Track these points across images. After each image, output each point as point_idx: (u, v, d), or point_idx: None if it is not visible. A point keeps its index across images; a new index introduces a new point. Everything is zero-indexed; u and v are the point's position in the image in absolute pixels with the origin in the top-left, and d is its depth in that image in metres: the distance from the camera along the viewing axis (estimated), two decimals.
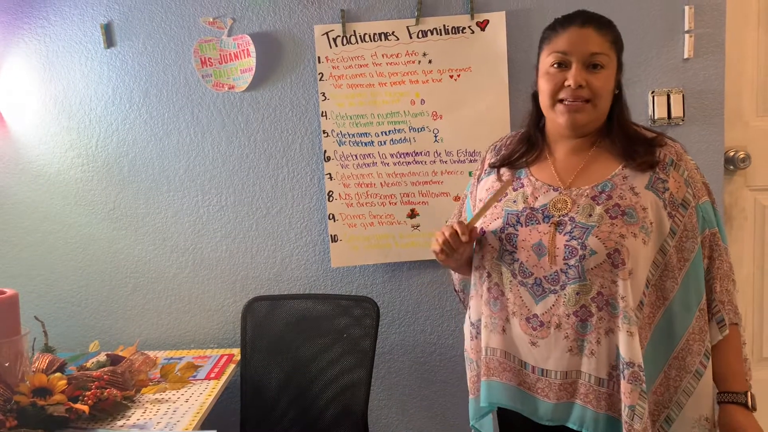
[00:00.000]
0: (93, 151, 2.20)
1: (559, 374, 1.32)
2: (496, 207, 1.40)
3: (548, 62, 1.35)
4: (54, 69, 2.17)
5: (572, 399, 1.32)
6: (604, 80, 1.32)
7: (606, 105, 1.36)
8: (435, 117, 2.11)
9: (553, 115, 1.37)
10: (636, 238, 1.26)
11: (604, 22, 1.36)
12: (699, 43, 2.08)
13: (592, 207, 1.29)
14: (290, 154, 2.17)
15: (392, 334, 2.24)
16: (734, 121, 2.20)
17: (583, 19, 1.34)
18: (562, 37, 1.34)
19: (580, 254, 1.26)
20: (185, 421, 1.62)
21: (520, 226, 1.35)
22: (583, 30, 1.32)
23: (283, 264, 2.22)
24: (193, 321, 2.26)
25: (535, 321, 1.33)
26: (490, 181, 1.48)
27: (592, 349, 1.28)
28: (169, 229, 2.22)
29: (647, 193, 1.30)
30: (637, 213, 1.28)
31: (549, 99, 1.35)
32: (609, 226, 1.26)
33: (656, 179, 1.31)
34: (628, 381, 1.24)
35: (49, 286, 2.26)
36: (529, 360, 1.36)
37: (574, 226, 1.29)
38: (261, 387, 2.06)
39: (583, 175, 1.36)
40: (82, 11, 2.14)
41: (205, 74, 2.13)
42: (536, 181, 1.39)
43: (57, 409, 1.53)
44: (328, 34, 2.10)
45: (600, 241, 1.25)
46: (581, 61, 1.31)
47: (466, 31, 2.08)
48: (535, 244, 1.32)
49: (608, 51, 1.32)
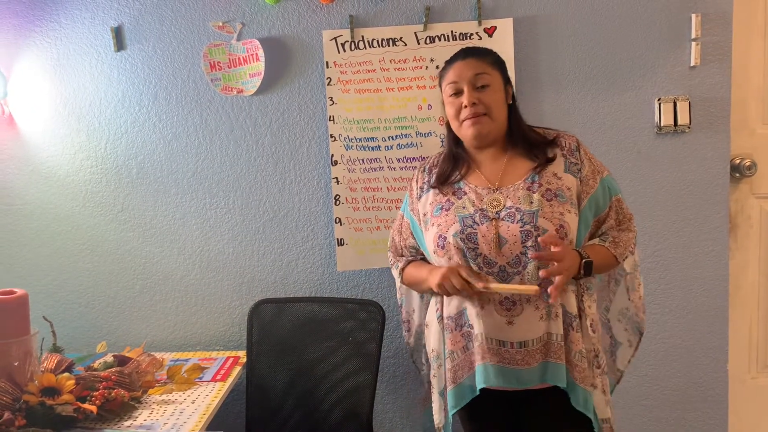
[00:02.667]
0: (102, 153, 2.22)
1: (536, 341, 1.51)
2: (447, 215, 1.59)
3: (447, 92, 1.62)
4: (64, 72, 2.19)
5: (546, 359, 1.52)
6: (493, 93, 1.58)
7: (501, 114, 1.60)
8: (442, 122, 2.12)
9: (462, 133, 1.62)
10: (570, 213, 1.53)
11: (482, 50, 1.65)
12: (705, 51, 2.09)
13: (530, 195, 1.53)
14: (297, 158, 2.19)
15: (397, 338, 2.25)
16: (740, 129, 2.21)
17: (465, 53, 1.63)
18: (451, 70, 1.62)
19: (535, 235, 1.48)
20: (192, 422, 1.63)
21: (477, 225, 1.54)
22: (465, 61, 1.61)
23: (289, 267, 2.23)
24: (199, 323, 2.27)
25: (508, 302, 1.52)
26: (431, 196, 1.67)
27: (556, 312, 1.51)
28: (177, 231, 2.24)
29: (566, 176, 1.57)
30: (564, 193, 1.54)
31: (456, 121, 1.62)
32: (549, 207, 1.51)
33: (570, 163, 1.58)
34: (576, 330, 1.51)
35: (58, 286, 2.27)
36: (509, 338, 1.52)
37: (521, 214, 1.51)
38: (266, 389, 2.07)
39: (507, 176, 1.60)
40: (93, 14, 2.16)
41: (214, 78, 2.14)
42: (476, 187, 1.61)
43: (65, 408, 1.54)
44: (337, 39, 2.11)
45: (547, 221, 1.50)
46: (470, 84, 1.58)
47: (474, 37, 2.10)
48: (494, 236, 1.51)
49: (489, 70, 1.59)
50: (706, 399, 2.24)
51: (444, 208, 1.61)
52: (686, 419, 2.27)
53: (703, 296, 2.20)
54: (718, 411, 2.25)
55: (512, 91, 1.65)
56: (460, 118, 1.60)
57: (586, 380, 1.52)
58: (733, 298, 2.25)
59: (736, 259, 2.26)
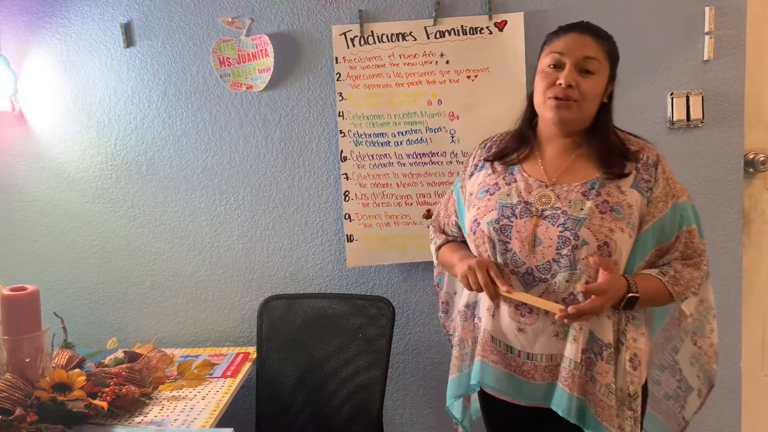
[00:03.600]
0: (112, 150, 2.22)
1: (545, 357, 1.41)
2: (490, 200, 1.47)
3: (545, 62, 1.45)
4: (74, 68, 2.19)
5: (555, 380, 1.41)
6: (594, 85, 1.41)
7: (591, 109, 1.44)
8: (452, 117, 2.11)
9: (543, 111, 1.45)
10: (623, 232, 1.36)
11: (603, 33, 1.45)
12: (719, 45, 2.06)
13: (583, 202, 1.38)
14: (307, 154, 2.18)
15: (407, 334, 2.24)
16: (754, 123, 2.18)
17: (584, 27, 1.44)
18: (561, 40, 1.44)
19: (572, 244, 1.35)
20: (202, 418, 1.63)
21: (515, 218, 1.42)
22: (581, 36, 1.42)
23: (298, 263, 2.23)
24: (209, 319, 2.27)
25: (524, 308, 1.41)
26: (482, 175, 1.55)
27: (575, 335, 1.37)
28: (187, 228, 2.24)
29: (632, 192, 1.40)
30: (624, 210, 1.37)
31: (541, 95, 1.44)
32: (599, 219, 1.35)
33: (640, 179, 1.41)
34: (606, 361, 1.36)
35: (68, 282, 2.28)
36: (516, 345, 1.43)
37: (566, 218, 1.37)
38: (276, 385, 2.07)
39: (568, 173, 1.45)
40: (102, 11, 2.16)
41: (224, 74, 2.14)
42: (528, 177, 1.47)
43: (76, 404, 1.55)
44: (346, 34, 2.10)
45: (591, 233, 1.34)
46: (574, 64, 1.40)
47: (484, 31, 2.08)
48: (529, 235, 1.39)
49: (602, 58, 1.42)
50: (719, 396, 2.21)
51: (489, 191, 1.49)
52: (699, 416, 2.22)
53: (716, 293, 2.13)
54: (732, 408, 2.23)
55: (612, 89, 1.48)
56: (548, 93, 1.41)
57: (611, 420, 1.36)
58: (746, 295, 2.22)
59: (749, 256, 2.24)
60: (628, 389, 1.39)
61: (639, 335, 1.42)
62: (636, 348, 1.41)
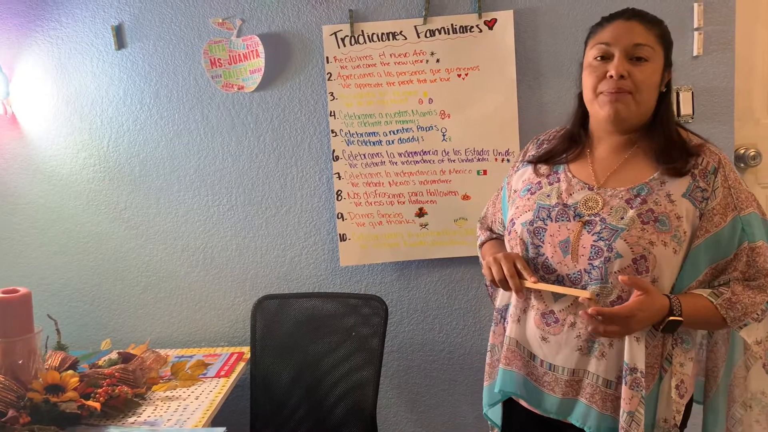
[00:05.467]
0: (105, 152, 2.23)
1: (567, 371, 1.31)
2: (529, 199, 1.38)
3: (591, 55, 1.33)
4: (66, 71, 2.20)
5: (577, 396, 1.32)
6: (648, 73, 1.28)
7: (649, 100, 1.31)
8: (443, 116, 2.12)
9: (595, 108, 1.33)
10: (666, 246, 1.22)
11: (652, 18, 1.32)
12: (708, 41, 2.07)
13: (625, 210, 1.25)
14: (299, 154, 2.19)
15: (401, 332, 2.25)
16: (745, 119, 2.19)
17: (630, 14, 1.32)
18: (606, 29, 1.32)
19: (605, 256, 1.23)
20: (195, 418, 1.63)
21: (550, 221, 1.32)
22: (628, 22, 1.30)
23: (292, 263, 2.24)
24: (203, 319, 2.28)
25: (551, 317, 1.32)
26: (528, 173, 1.46)
27: (603, 351, 1.27)
28: (180, 229, 2.25)
29: (684, 201, 1.24)
30: (671, 221, 1.23)
31: (591, 92, 1.33)
32: (639, 231, 1.22)
33: (695, 187, 1.25)
34: (630, 387, 1.23)
35: (62, 285, 2.29)
36: (539, 353, 1.35)
37: (603, 226, 1.25)
38: (270, 385, 2.08)
39: (618, 175, 1.32)
40: (93, 13, 2.17)
41: (215, 75, 2.14)
42: (572, 178, 1.36)
43: (69, 406, 1.55)
44: (337, 34, 2.11)
45: (628, 246, 1.22)
46: (624, 52, 1.28)
47: (474, 30, 2.09)
48: (563, 241, 1.29)
49: (653, 44, 1.28)
50: None
51: (531, 190, 1.40)
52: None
53: None
54: None
55: (670, 77, 1.34)
56: (599, 89, 1.30)
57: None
58: None
59: None
60: (674, 419, 1.27)
61: (687, 360, 1.29)
62: (683, 374, 1.28)
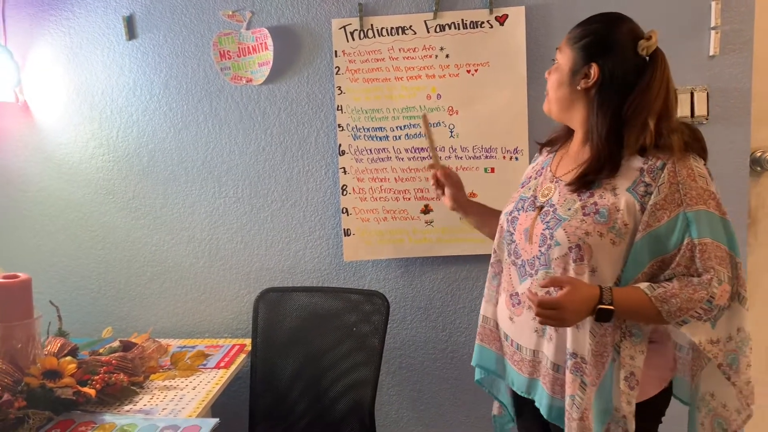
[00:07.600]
0: (114, 142, 2.24)
1: (528, 351, 1.41)
2: (518, 192, 1.52)
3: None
4: (77, 60, 2.21)
5: (538, 377, 1.41)
6: (553, 73, 1.43)
7: (560, 98, 1.41)
8: (451, 112, 2.09)
9: None
10: (602, 237, 1.28)
11: (578, 24, 1.41)
12: (725, 40, 2.02)
13: (574, 201, 1.34)
14: (305, 148, 2.18)
15: (404, 329, 2.23)
16: (762, 121, 2.13)
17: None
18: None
19: (547, 243, 1.34)
20: (190, 407, 1.64)
21: (523, 212, 1.45)
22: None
23: (296, 257, 2.23)
24: (207, 310, 2.28)
25: (515, 299, 1.44)
26: (530, 166, 1.60)
27: (550, 335, 1.35)
28: (186, 220, 2.25)
29: (625, 194, 1.29)
30: (610, 213, 1.28)
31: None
32: (579, 221, 1.30)
33: (640, 182, 1.28)
34: (571, 371, 1.30)
35: (70, 272, 2.31)
36: (510, 333, 1.47)
37: (552, 216, 1.36)
38: (271, 378, 2.07)
39: (578, 167, 1.37)
40: (106, 4, 2.18)
41: (224, 67, 2.14)
42: (548, 170, 1.48)
43: (65, 391, 1.56)
44: (346, 27, 2.10)
45: (566, 235, 1.31)
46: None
47: (485, 25, 2.06)
48: (526, 229, 1.41)
49: (563, 46, 1.41)
50: None
51: (524, 183, 1.54)
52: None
53: None
54: None
55: (597, 75, 1.33)
56: None
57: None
58: (752, 296, 2.15)
59: (755, 256, 2.19)
60: (624, 409, 1.29)
61: (637, 353, 1.30)
62: (633, 366, 1.29)
